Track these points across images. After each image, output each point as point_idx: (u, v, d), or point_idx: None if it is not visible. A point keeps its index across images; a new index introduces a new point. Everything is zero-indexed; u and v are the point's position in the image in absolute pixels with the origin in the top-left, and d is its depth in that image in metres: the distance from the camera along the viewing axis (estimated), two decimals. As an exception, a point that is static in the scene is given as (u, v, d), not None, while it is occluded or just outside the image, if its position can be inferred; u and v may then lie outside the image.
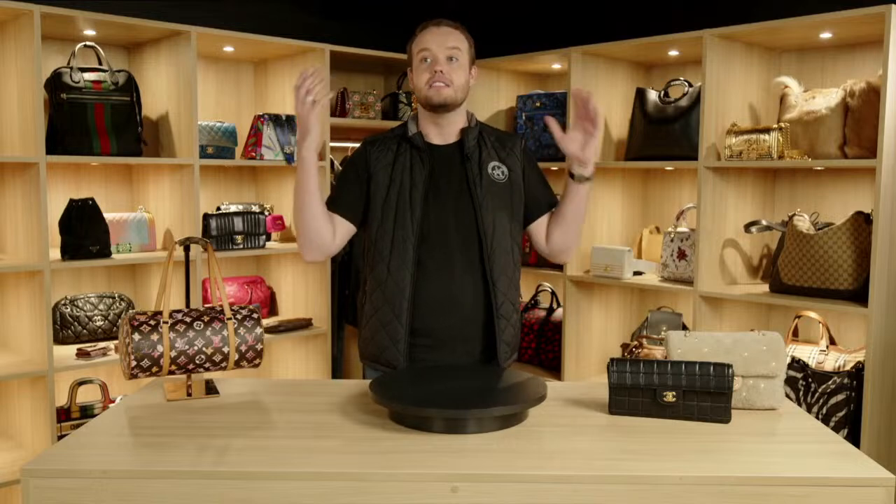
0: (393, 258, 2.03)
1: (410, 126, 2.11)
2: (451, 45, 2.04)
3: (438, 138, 2.11)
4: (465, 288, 2.03)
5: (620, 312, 3.72)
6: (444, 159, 2.08)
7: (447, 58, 2.03)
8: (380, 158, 2.08)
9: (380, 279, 2.06)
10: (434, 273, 2.03)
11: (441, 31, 2.05)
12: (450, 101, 2.04)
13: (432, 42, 2.04)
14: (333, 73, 3.68)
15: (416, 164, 2.05)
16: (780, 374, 1.78)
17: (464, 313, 2.04)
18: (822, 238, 2.70)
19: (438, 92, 2.02)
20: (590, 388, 1.97)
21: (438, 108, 2.05)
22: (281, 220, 3.52)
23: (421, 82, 2.05)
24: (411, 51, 2.10)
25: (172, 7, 3.31)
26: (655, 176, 3.67)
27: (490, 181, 2.06)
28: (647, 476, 1.43)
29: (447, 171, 2.07)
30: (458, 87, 2.05)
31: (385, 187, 2.05)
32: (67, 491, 1.43)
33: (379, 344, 2.06)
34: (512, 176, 2.10)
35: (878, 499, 1.42)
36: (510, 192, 2.09)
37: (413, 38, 2.11)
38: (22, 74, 2.76)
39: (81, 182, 3.24)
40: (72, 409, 2.87)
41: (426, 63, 2.04)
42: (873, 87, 2.67)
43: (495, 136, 2.16)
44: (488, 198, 2.05)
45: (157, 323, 1.83)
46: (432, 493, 1.42)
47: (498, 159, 2.11)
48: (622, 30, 3.60)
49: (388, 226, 2.04)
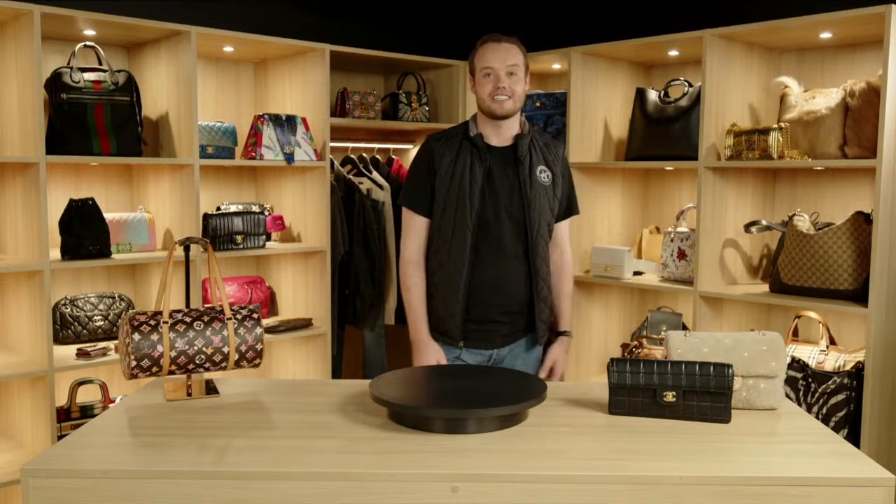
0: (454, 244, 2.31)
1: (472, 127, 2.37)
2: (512, 63, 2.29)
3: (496, 140, 2.37)
4: (513, 273, 2.34)
5: (620, 312, 3.72)
6: (499, 160, 2.35)
7: (508, 73, 2.28)
8: (444, 154, 2.35)
9: (441, 261, 2.35)
10: (487, 258, 2.32)
11: (502, 48, 2.30)
12: (510, 112, 2.31)
13: (495, 60, 2.29)
14: (333, 73, 3.68)
15: (476, 162, 2.32)
16: (780, 374, 1.78)
17: (510, 294, 2.34)
18: (822, 238, 2.70)
19: (501, 105, 2.29)
20: (590, 388, 1.98)
21: (500, 118, 2.32)
22: (281, 220, 3.52)
23: (484, 94, 2.31)
24: (474, 65, 2.36)
25: (172, 7, 3.31)
26: (655, 176, 3.67)
27: (538, 183, 2.34)
28: (647, 476, 1.43)
29: (502, 171, 2.34)
30: (518, 97, 2.32)
31: (448, 179, 2.33)
32: (67, 491, 1.44)
33: (438, 317, 2.36)
34: (555, 179, 2.39)
35: (878, 499, 1.42)
36: (552, 194, 2.38)
37: (475, 52, 2.36)
38: (22, 74, 2.76)
39: (81, 182, 3.24)
40: (72, 409, 2.87)
41: (489, 78, 2.29)
42: (873, 87, 2.67)
43: (543, 142, 2.43)
44: (535, 197, 2.33)
45: (157, 323, 1.83)
46: (432, 493, 1.42)
47: (545, 163, 2.38)
48: (622, 30, 3.60)
49: (449, 215, 2.32)
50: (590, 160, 3.49)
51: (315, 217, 3.50)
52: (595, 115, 3.49)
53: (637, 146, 3.32)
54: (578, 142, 3.44)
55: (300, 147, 3.40)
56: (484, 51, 2.32)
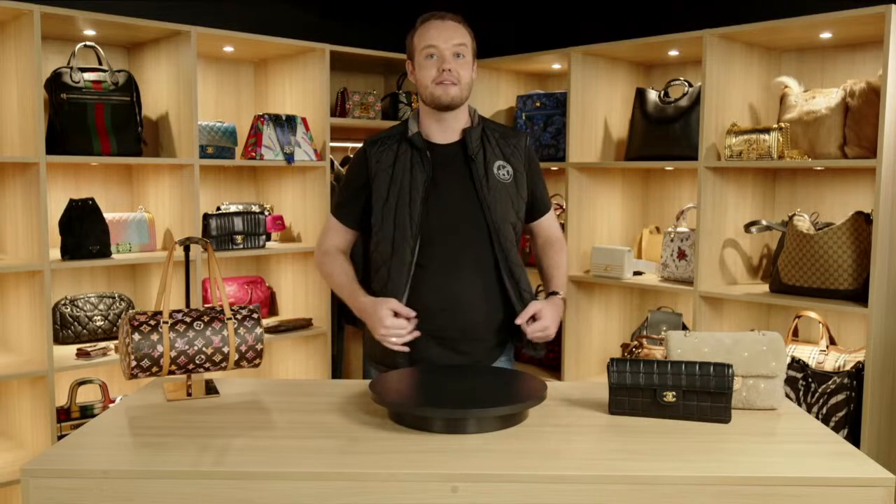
0: (393, 262, 2.00)
1: (411, 125, 2.06)
2: (458, 42, 1.99)
3: (440, 136, 2.06)
4: (475, 289, 2.02)
5: (620, 312, 3.72)
6: (446, 159, 2.04)
7: (454, 55, 1.99)
8: (380, 160, 2.04)
9: (382, 281, 2.04)
10: (435, 276, 2.01)
11: (446, 26, 2.00)
12: (457, 101, 2.01)
13: (438, 38, 1.98)
14: (333, 73, 3.68)
15: (417, 164, 2.01)
16: (780, 374, 1.78)
17: (471, 315, 2.03)
18: (822, 238, 2.70)
19: (446, 91, 1.98)
20: (590, 388, 1.97)
21: (445, 108, 2.01)
22: (281, 220, 3.52)
23: (426, 79, 2.00)
24: (413, 44, 2.05)
25: (172, 7, 3.31)
26: (655, 176, 3.67)
27: (496, 181, 2.02)
28: (647, 476, 1.43)
29: (450, 172, 2.03)
30: (465, 84, 2.01)
31: (385, 189, 2.02)
32: (67, 491, 1.43)
33: (381, 345, 2.00)
34: (517, 175, 2.07)
35: (878, 499, 1.42)
36: (515, 192, 2.06)
37: (414, 30, 2.05)
38: (22, 74, 2.76)
39: (81, 182, 3.24)
40: (72, 409, 2.87)
41: (432, 59, 1.99)
42: (873, 87, 2.67)
43: (499, 133, 2.10)
44: (496, 198, 2.01)
45: (157, 323, 1.83)
46: (432, 493, 1.42)
47: (503, 157, 2.06)
48: (622, 30, 3.60)
49: (387, 229, 2.01)
50: (590, 160, 3.49)
51: (315, 217, 3.50)
52: (595, 115, 3.49)
53: (637, 146, 3.32)
54: (578, 142, 3.44)
55: (300, 147, 3.40)
56: (425, 28, 2.01)
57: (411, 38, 2.06)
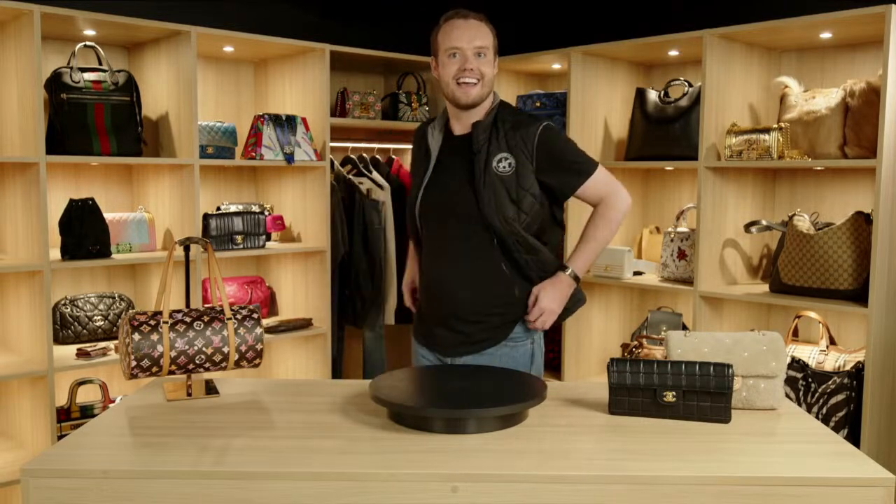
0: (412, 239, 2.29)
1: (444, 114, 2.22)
2: (480, 44, 2.07)
3: (458, 128, 2.17)
4: (462, 274, 2.12)
5: (620, 312, 3.72)
6: (456, 150, 2.15)
7: (476, 55, 2.07)
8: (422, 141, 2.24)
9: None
10: (426, 258, 2.20)
11: (469, 26, 2.08)
12: (477, 101, 2.10)
13: (461, 39, 2.06)
14: (333, 73, 3.68)
15: (430, 152, 2.18)
16: (780, 374, 1.78)
17: (458, 297, 2.12)
18: (822, 238, 2.70)
19: (467, 93, 2.07)
20: (590, 388, 1.97)
21: (464, 107, 2.10)
22: (281, 220, 3.52)
23: (448, 76, 2.09)
24: (437, 43, 2.12)
25: (172, 7, 3.31)
26: (655, 176, 3.67)
27: (494, 175, 2.06)
28: (647, 476, 1.43)
29: (455, 163, 2.13)
30: (487, 80, 2.09)
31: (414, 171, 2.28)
32: (67, 491, 1.43)
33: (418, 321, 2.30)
34: (518, 167, 2.07)
35: (878, 499, 1.42)
36: (515, 183, 2.06)
37: (438, 28, 2.12)
38: (22, 74, 2.76)
39: (81, 182, 3.24)
40: (72, 409, 2.87)
41: (454, 59, 2.08)
42: (873, 87, 2.67)
43: (511, 124, 2.11)
44: (490, 191, 2.05)
45: (157, 323, 1.83)
46: (432, 493, 1.42)
47: (507, 150, 2.07)
48: (622, 30, 3.60)
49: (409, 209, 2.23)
50: (590, 160, 3.48)
51: (315, 217, 3.50)
52: (595, 115, 3.49)
53: (637, 146, 3.32)
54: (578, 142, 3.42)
55: (300, 147, 3.40)
56: (449, 28, 2.08)
57: (435, 35, 2.14)
